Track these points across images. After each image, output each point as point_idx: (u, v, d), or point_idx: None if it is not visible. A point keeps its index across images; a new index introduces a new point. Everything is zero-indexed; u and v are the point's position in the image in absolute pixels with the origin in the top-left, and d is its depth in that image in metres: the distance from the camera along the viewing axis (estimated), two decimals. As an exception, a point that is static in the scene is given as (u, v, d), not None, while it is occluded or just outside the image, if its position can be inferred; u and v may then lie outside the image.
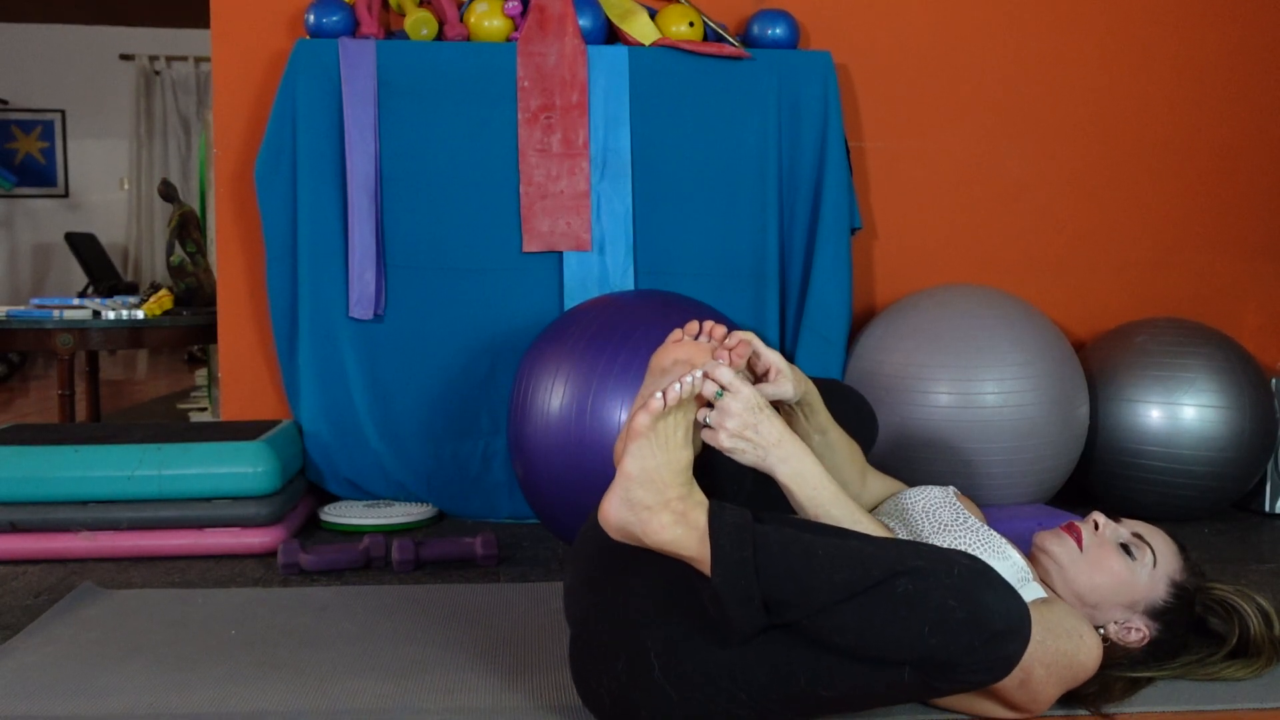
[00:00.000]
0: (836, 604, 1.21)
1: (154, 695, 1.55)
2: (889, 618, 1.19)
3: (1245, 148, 3.19)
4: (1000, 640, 1.19)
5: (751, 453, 1.37)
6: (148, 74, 7.50)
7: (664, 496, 1.28)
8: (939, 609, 1.18)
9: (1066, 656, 1.39)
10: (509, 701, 1.54)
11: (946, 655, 1.19)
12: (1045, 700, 1.41)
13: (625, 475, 1.28)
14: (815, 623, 1.22)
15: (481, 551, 2.28)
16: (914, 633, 1.19)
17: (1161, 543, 1.59)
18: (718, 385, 1.36)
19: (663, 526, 1.27)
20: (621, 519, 1.29)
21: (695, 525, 1.27)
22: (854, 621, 1.21)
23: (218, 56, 2.79)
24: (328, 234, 2.65)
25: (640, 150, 2.74)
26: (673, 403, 1.28)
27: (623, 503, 1.29)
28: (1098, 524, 1.59)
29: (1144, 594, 1.54)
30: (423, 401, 2.72)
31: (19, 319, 3.31)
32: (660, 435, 1.29)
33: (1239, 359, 2.68)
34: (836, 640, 1.23)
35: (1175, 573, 1.56)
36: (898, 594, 1.19)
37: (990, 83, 3.07)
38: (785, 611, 1.23)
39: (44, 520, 2.32)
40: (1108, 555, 1.55)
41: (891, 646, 1.20)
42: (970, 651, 1.19)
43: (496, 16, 2.73)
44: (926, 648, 1.19)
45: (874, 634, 1.20)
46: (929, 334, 2.59)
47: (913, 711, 1.50)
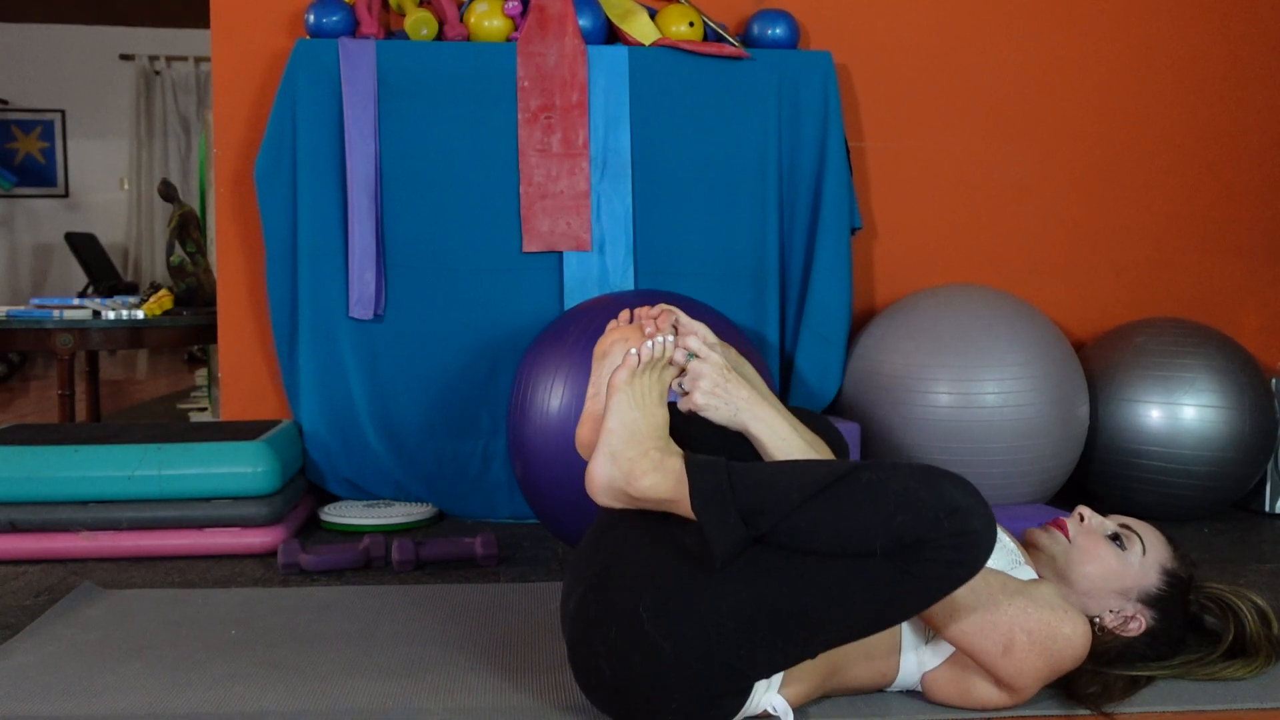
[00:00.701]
0: (807, 501, 1.27)
1: (154, 695, 1.55)
2: (857, 504, 1.26)
3: (1245, 148, 3.19)
4: (963, 515, 1.24)
5: (725, 409, 1.46)
6: (148, 74, 7.50)
7: (643, 447, 1.37)
8: (901, 490, 1.25)
9: (1049, 627, 1.41)
10: (509, 701, 1.54)
11: (915, 533, 1.24)
12: (1031, 674, 1.42)
13: (608, 430, 1.38)
14: (790, 523, 1.28)
15: (481, 551, 2.28)
16: (882, 514, 1.24)
17: (1149, 533, 1.60)
18: (688, 350, 1.46)
19: (643, 473, 1.36)
20: (607, 474, 1.38)
21: (673, 469, 1.35)
22: (825, 514, 1.27)
23: (218, 56, 2.79)
24: (328, 234, 2.65)
25: (640, 150, 2.75)
26: (646, 358, 1.39)
27: (607, 458, 1.38)
28: (1083, 516, 1.61)
29: (1136, 581, 1.55)
30: (423, 401, 2.72)
31: (19, 319, 3.31)
32: (637, 393, 1.40)
33: (1239, 359, 2.68)
34: (811, 536, 1.28)
35: (1166, 560, 1.57)
36: (862, 482, 1.27)
37: (990, 83, 3.07)
38: (761, 518, 1.28)
39: (44, 520, 2.32)
40: (1097, 544, 1.57)
41: (862, 532, 1.25)
42: (936, 525, 1.23)
43: (496, 16, 2.73)
44: (895, 526, 1.24)
45: (845, 522, 1.26)
46: (929, 334, 2.59)
47: (912, 712, 1.50)
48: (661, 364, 1.43)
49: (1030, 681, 1.43)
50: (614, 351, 1.50)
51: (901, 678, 1.51)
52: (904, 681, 1.52)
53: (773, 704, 1.41)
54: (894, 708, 1.51)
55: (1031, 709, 1.51)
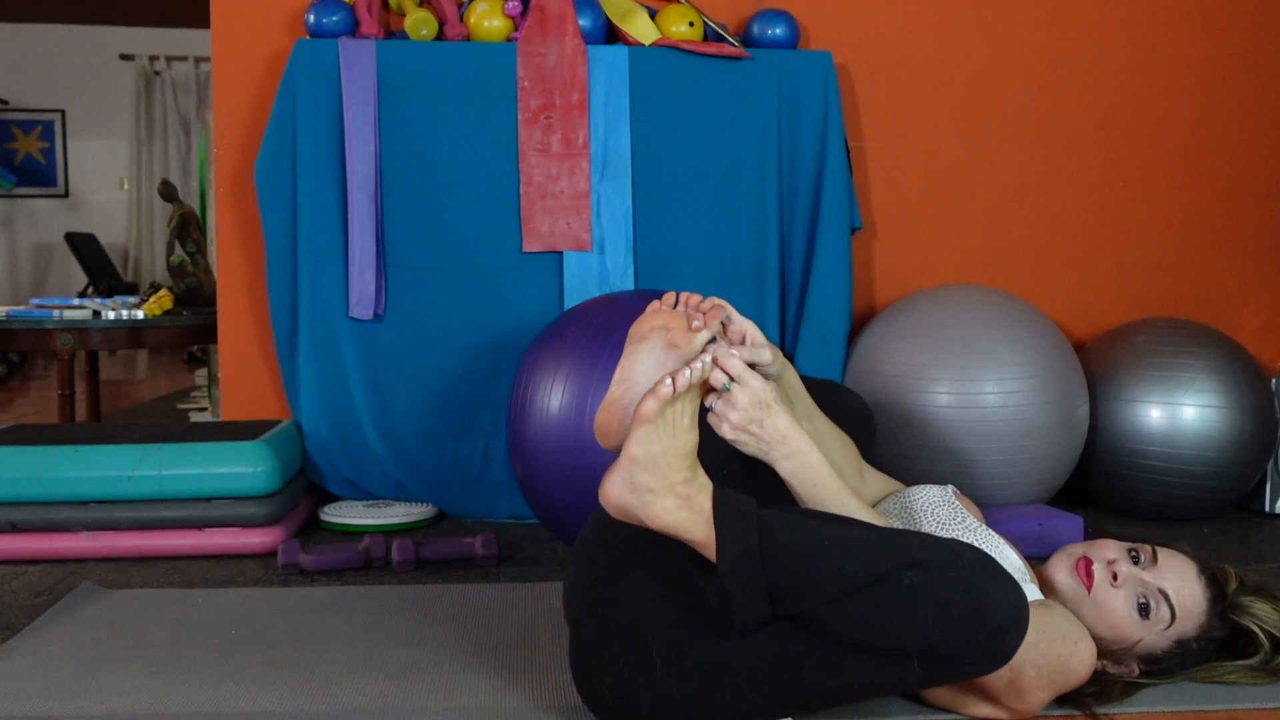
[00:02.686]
0: (842, 596, 1.20)
1: (154, 695, 1.55)
2: (894, 611, 1.19)
3: (1245, 148, 3.19)
4: (1001, 634, 1.19)
5: (755, 445, 1.38)
6: (148, 74, 7.50)
7: (668, 480, 1.26)
8: (944, 603, 1.18)
9: (1059, 660, 1.37)
10: (509, 701, 1.54)
11: (949, 647, 1.19)
12: (1034, 702, 1.40)
13: (630, 459, 1.25)
14: (821, 614, 1.21)
15: (481, 551, 2.28)
16: (919, 626, 1.18)
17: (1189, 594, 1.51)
18: (726, 376, 1.35)
19: (666, 510, 1.25)
20: (624, 500, 1.27)
21: (700, 510, 1.25)
22: (860, 614, 1.20)
23: (218, 56, 2.79)
24: (328, 234, 2.65)
25: (640, 150, 2.74)
26: (682, 389, 1.25)
27: (626, 485, 1.26)
28: (1116, 576, 1.51)
29: (1147, 646, 1.52)
30: (423, 401, 2.72)
31: (19, 319, 3.31)
32: (667, 420, 1.26)
33: (1239, 359, 2.68)
34: (842, 632, 1.22)
35: (1188, 632, 1.52)
36: (903, 587, 1.18)
37: (990, 83, 3.07)
38: (791, 601, 1.22)
39: (44, 520, 2.32)
40: (1116, 611, 1.51)
41: (896, 639, 1.20)
42: (972, 644, 1.19)
43: (496, 16, 2.73)
44: (930, 640, 1.18)
45: (880, 626, 1.20)
46: (929, 334, 2.59)
47: (912, 712, 1.50)
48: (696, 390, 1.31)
49: (1033, 705, 1.41)
50: (652, 339, 1.39)
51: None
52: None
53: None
54: (894, 708, 1.51)
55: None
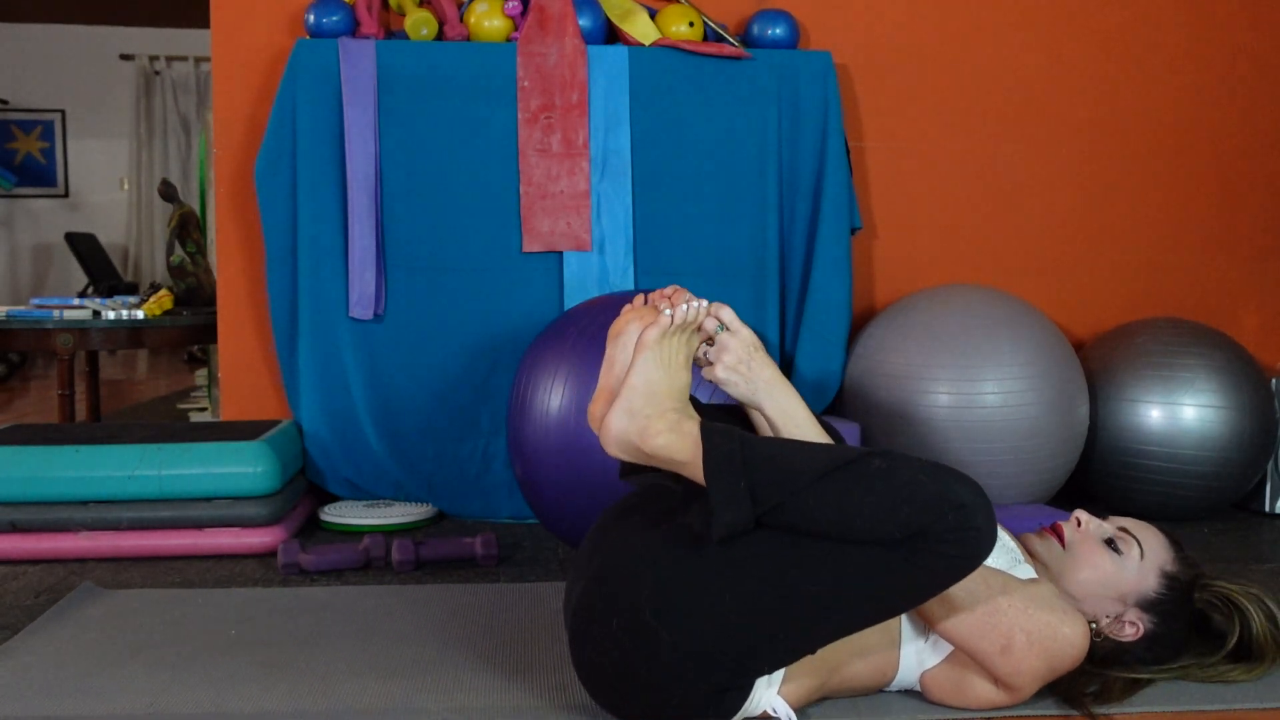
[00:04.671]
0: (816, 481, 1.28)
1: (154, 695, 1.55)
2: (865, 490, 1.27)
3: (1245, 148, 3.19)
4: (967, 512, 1.25)
5: (744, 386, 1.48)
6: (148, 74, 7.50)
7: (661, 407, 1.38)
8: (910, 483, 1.26)
9: (1049, 628, 1.41)
10: (509, 701, 1.54)
11: (920, 523, 1.25)
12: (1029, 673, 1.41)
13: (629, 386, 1.39)
14: (797, 501, 1.28)
15: (481, 551, 2.28)
16: (889, 503, 1.25)
17: (1150, 536, 1.59)
18: (719, 321, 1.47)
19: (658, 432, 1.37)
20: (620, 427, 1.39)
21: (688, 434, 1.36)
22: (832, 496, 1.27)
23: (218, 56, 2.79)
24: (328, 234, 2.65)
25: (640, 150, 2.74)
26: (679, 320, 1.40)
27: (625, 411, 1.38)
28: (1080, 521, 1.61)
29: (1133, 586, 1.54)
30: (423, 402, 2.72)
31: (19, 319, 3.31)
32: (664, 354, 1.40)
33: (1239, 359, 2.68)
34: (817, 517, 1.28)
35: (1166, 564, 1.56)
36: (872, 469, 1.28)
37: (990, 83, 3.07)
38: (769, 492, 1.29)
39: (44, 520, 2.32)
40: (1091, 551, 1.56)
41: (868, 519, 1.26)
42: (941, 518, 1.24)
43: (496, 16, 2.73)
44: (901, 516, 1.25)
45: (852, 507, 1.26)
46: (929, 334, 2.59)
47: (912, 712, 1.50)
48: (691, 329, 1.44)
49: (1028, 681, 1.43)
50: (628, 331, 1.49)
51: (900, 676, 1.51)
52: (903, 680, 1.52)
53: (773, 705, 1.41)
54: (894, 708, 1.51)
55: (1031, 709, 1.51)
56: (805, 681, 1.44)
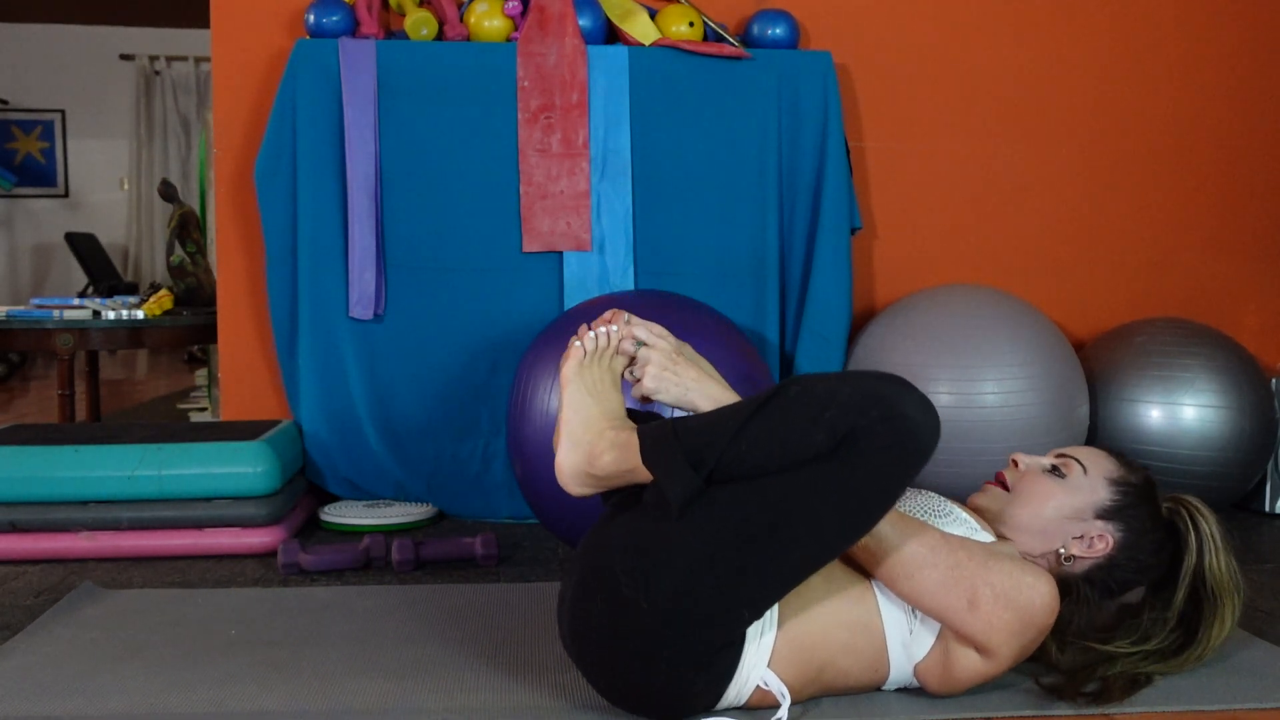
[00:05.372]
0: (743, 425, 1.33)
1: (154, 695, 1.55)
2: (787, 414, 1.32)
3: (1245, 148, 3.19)
4: (890, 401, 1.29)
5: (675, 389, 1.51)
6: (148, 74, 7.50)
7: (598, 428, 1.45)
8: (827, 392, 1.32)
9: (1012, 577, 1.41)
10: (509, 701, 1.54)
11: (846, 424, 1.29)
12: (1001, 628, 1.41)
13: (564, 421, 1.47)
14: (732, 450, 1.33)
15: (481, 551, 2.28)
16: (810, 415, 1.31)
17: (1088, 453, 1.61)
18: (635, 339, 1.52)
19: (601, 452, 1.43)
20: (572, 462, 1.45)
21: (628, 443, 1.42)
22: (761, 431, 1.33)
23: (218, 56, 2.79)
24: (328, 234, 2.65)
25: (640, 150, 2.75)
26: (590, 347, 1.49)
27: (568, 446, 1.45)
28: (1017, 462, 1.63)
29: (1086, 500, 1.55)
30: (423, 401, 2.72)
31: (19, 319, 3.31)
32: (588, 382, 1.48)
33: (1239, 359, 2.68)
34: (753, 456, 1.33)
35: (1111, 472, 1.58)
36: (789, 395, 1.34)
37: (990, 83, 3.07)
38: (706, 453, 1.34)
39: (44, 520, 2.32)
40: (1034, 482, 1.59)
41: (797, 436, 1.31)
42: (864, 413, 1.29)
43: (496, 16, 2.73)
44: (825, 421, 1.30)
45: (780, 432, 1.32)
46: (929, 334, 2.59)
47: (913, 712, 1.50)
48: (610, 353, 1.51)
49: (1003, 638, 1.41)
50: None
51: (895, 674, 1.50)
52: (898, 678, 1.51)
53: (765, 679, 1.41)
54: (894, 708, 1.51)
55: (1032, 709, 1.51)
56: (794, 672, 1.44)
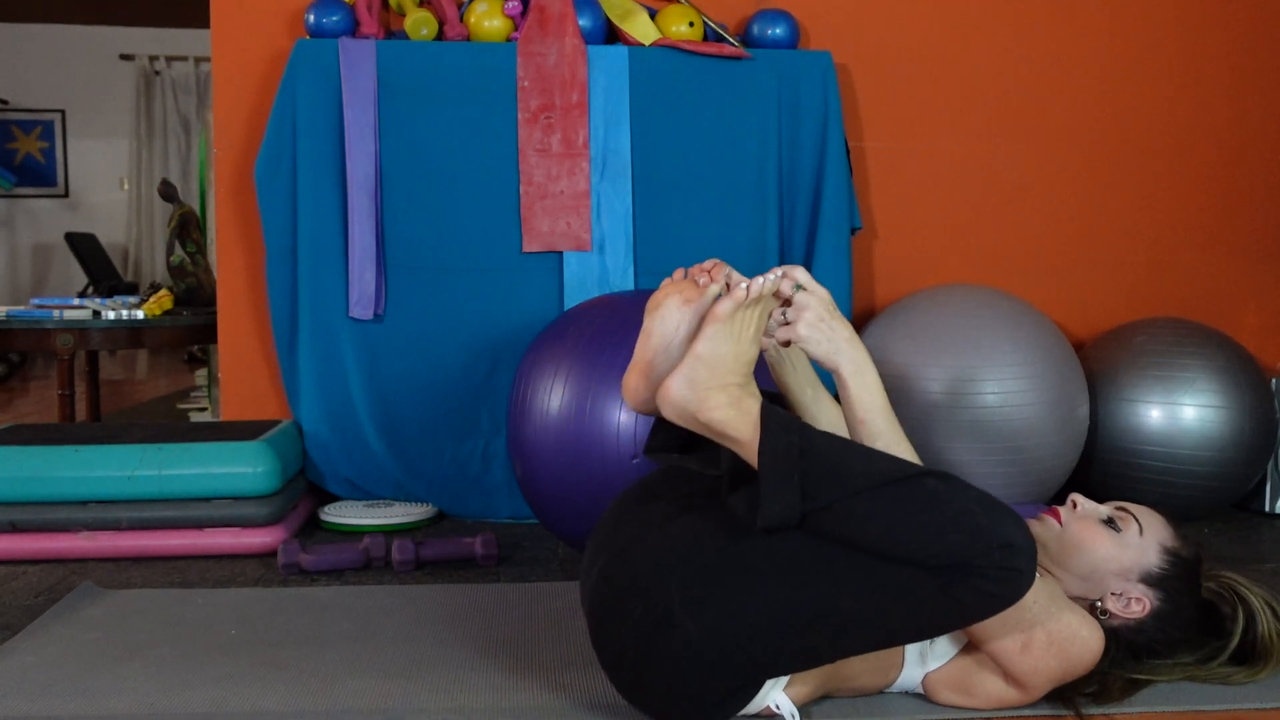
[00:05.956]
0: (870, 489, 1.25)
1: (154, 695, 1.55)
2: (917, 509, 1.24)
3: (1245, 148, 3.19)
4: (1014, 551, 1.24)
5: (826, 344, 1.44)
6: (148, 74, 7.50)
7: (724, 381, 1.36)
8: (962, 511, 1.24)
9: (1070, 629, 1.41)
10: (509, 701, 1.54)
11: (963, 554, 1.23)
12: (1045, 673, 1.41)
13: (695, 355, 1.36)
14: (846, 506, 1.26)
15: (481, 551, 2.28)
16: (938, 526, 1.23)
17: (1147, 515, 1.59)
18: (796, 282, 1.44)
19: (718, 405, 1.35)
20: (681, 395, 1.36)
21: (748, 411, 1.34)
22: (883, 508, 1.25)
23: (218, 56, 2.79)
24: (328, 234, 2.65)
25: (640, 150, 2.74)
26: (754, 294, 1.38)
27: (686, 381, 1.36)
28: (1076, 503, 1.60)
29: (1135, 560, 1.54)
30: (423, 401, 2.72)
31: (19, 319, 3.31)
32: (735, 326, 1.38)
33: (1239, 359, 2.68)
34: (864, 527, 1.26)
35: (1166, 540, 1.56)
36: (927, 489, 1.25)
37: (990, 83, 3.07)
38: (820, 491, 1.27)
39: (44, 520, 2.32)
40: (1089, 528, 1.56)
41: (915, 537, 1.24)
42: (986, 554, 1.23)
43: (496, 16, 2.73)
44: (946, 543, 1.23)
45: (901, 523, 1.24)
46: (929, 334, 2.59)
47: (913, 712, 1.50)
48: (766, 300, 1.42)
49: (1043, 681, 1.43)
50: (667, 304, 1.45)
51: (903, 678, 1.51)
52: (905, 682, 1.51)
53: (777, 702, 1.41)
54: (894, 708, 1.51)
55: (1032, 709, 1.51)
56: (810, 682, 1.44)
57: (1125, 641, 1.54)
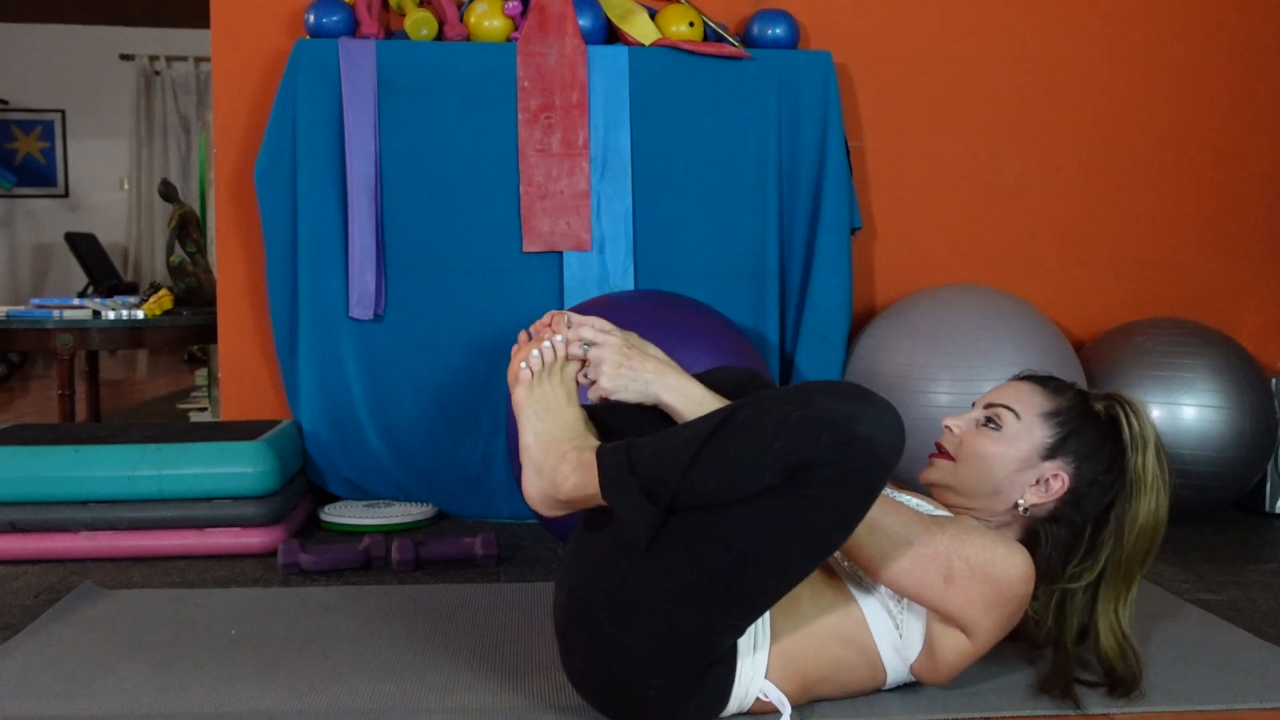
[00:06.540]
0: (694, 458, 1.26)
1: (154, 695, 1.55)
2: (737, 445, 1.24)
3: (1245, 149, 3.19)
4: (844, 423, 1.22)
5: (634, 385, 1.45)
6: (148, 74, 7.50)
7: (560, 451, 1.39)
8: (777, 417, 1.24)
9: (985, 549, 1.40)
10: (509, 701, 1.54)
11: (800, 455, 1.22)
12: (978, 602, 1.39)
13: (525, 447, 1.41)
14: (687, 484, 1.27)
15: (481, 551, 2.28)
16: (760, 446, 1.23)
17: (1014, 392, 1.57)
18: (583, 340, 1.46)
19: (565, 477, 1.37)
20: (538, 488, 1.40)
21: (588, 464, 1.36)
22: (713, 465, 1.25)
23: (218, 56, 2.79)
24: (328, 234, 2.65)
25: (640, 150, 2.74)
26: (537, 366, 1.42)
27: (533, 472, 1.40)
28: (950, 427, 1.59)
29: (1029, 445, 1.52)
30: (423, 402, 2.72)
31: (19, 319, 3.31)
32: (541, 402, 1.42)
33: (1239, 359, 2.68)
34: (709, 490, 1.26)
35: (1043, 405, 1.54)
36: (739, 421, 1.26)
37: (990, 82, 3.07)
38: (662, 488, 1.28)
39: (44, 520, 2.32)
40: (974, 442, 1.55)
41: (748, 471, 1.24)
42: (817, 441, 1.22)
43: (496, 16, 2.73)
44: (777, 455, 1.22)
45: (731, 466, 1.24)
46: (929, 334, 2.59)
47: (912, 712, 1.50)
48: (559, 365, 1.44)
49: (980, 611, 1.40)
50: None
51: (893, 676, 1.50)
52: (897, 679, 1.51)
53: (764, 690, 1.41)
54: (894, 708, 1.51)
55: (1032, 709, 1.51)
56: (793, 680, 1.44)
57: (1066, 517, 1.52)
